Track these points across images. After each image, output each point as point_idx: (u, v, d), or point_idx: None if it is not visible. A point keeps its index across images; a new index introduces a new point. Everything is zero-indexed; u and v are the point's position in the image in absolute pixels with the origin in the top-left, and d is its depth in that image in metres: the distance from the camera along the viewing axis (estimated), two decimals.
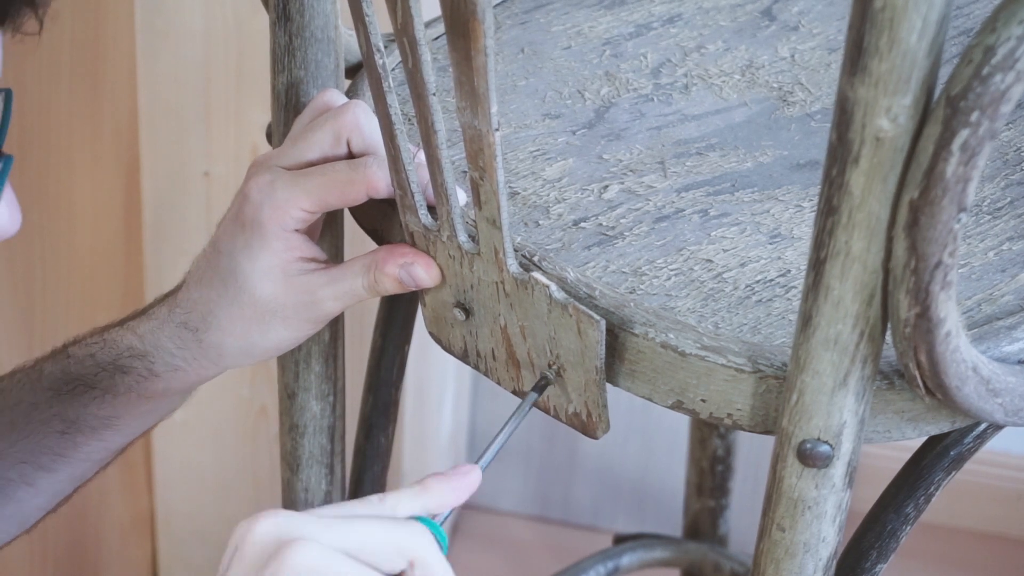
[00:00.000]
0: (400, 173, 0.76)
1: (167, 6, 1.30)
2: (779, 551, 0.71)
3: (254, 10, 1.28)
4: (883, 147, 0.59)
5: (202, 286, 0.82)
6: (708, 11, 0.97)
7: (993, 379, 0.67)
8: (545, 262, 0.76)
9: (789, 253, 0.78)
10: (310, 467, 0.93)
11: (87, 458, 0.90)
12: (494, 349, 0.79)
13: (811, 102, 0.89)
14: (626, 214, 0.80)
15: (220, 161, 1.36)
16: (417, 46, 0.68)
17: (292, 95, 0.84)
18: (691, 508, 1.44)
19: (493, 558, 1.77)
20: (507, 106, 0.88)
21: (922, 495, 0.78)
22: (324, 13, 0.82)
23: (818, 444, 0.67)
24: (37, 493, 0.91)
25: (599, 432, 0.76)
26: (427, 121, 0.71)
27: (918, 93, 0.58)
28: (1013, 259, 0.78)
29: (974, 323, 0.73)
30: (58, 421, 0.88)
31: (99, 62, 1.31)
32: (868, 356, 0.65)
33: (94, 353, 0.86)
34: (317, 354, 0.90)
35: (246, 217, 0.79)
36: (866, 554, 0.79)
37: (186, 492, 1.54)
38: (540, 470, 1.80)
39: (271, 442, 1.50)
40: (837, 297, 0.63)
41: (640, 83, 0.91)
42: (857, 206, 0.61)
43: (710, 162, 0.84)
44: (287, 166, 0.79)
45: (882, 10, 0.56)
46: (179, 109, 1.34)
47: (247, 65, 1.31)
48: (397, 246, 0.79)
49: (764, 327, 0.73)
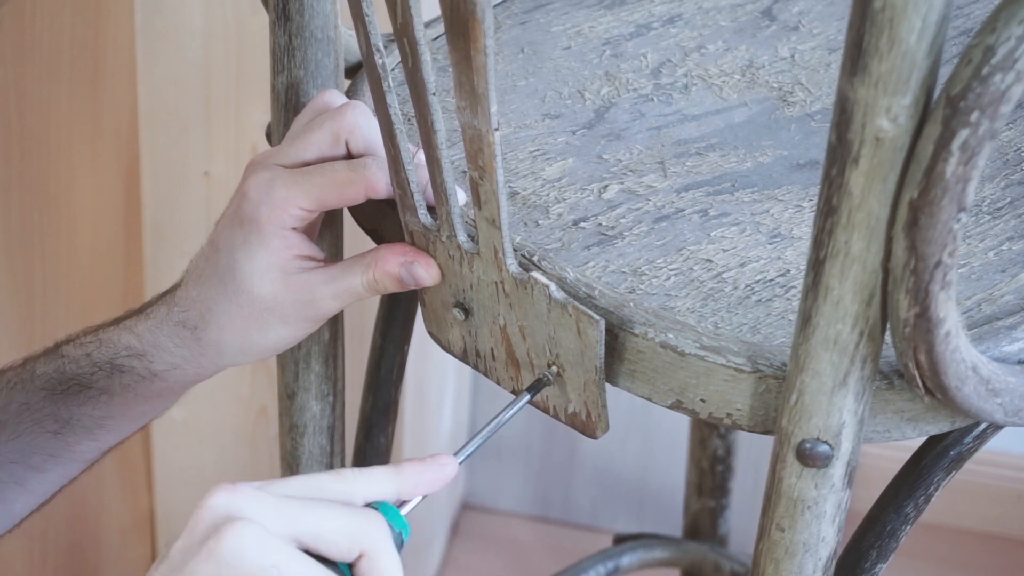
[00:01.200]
0: (400, 173, 0.76)
1: (167, 6, 1.30)
2: (778, 551, 0.71)
3: (254, 10, 1.29)
4: (883, 147, 0.59)
5: (200, 284, 0.82)
6: (708, 11, 0.97)
7: (993, 379, 0.67)
8: (545, 262, 0.76)
9: (789, 253, 0.78)
10: (309, 467, 0.93)
11: (78, 458, 0.90)
12: (493, 349, 0.79)
13: (811, 102, 0.89)
14: (626, 214, 0.80)
15: (220, 161, 1.36)
16: (417, 46, 0.68)
17: (292, 95, 0.84)
18: (691, 508, 1.44)
19: (493, 558, 1.77)
20: (507, 106, 0.88)
21: (922, 495, 0.78)
22: (324, 13, 0.82)
23: (817, 444, 0.67)
24: (26, 493, 0.91)
25: (598, 432, 0.76)
26: (427, 121, 0.71)
27: (918, 93, 0.58)
28: (1013, 259, 0.78)
29: (974, 323, 0.73)
30: (51, 421, 0.88)
31: (99, 62, 1.31)
32: (868, 356, 0.65)
33: (90, 353, 0.86)
34: (317, 354, 0.90)
35: (244, 215, 0.79)
36: (866, 554, 0.79)
37: (186, 492, 1.54)
38: (540, 470, 1.80)
39: (271, 442, 1.50)
40: (837, 297, 0.63)
41: (640, 83, 0.91)
42: (857, 206, 0.61)
43: (710, 162, 0.84)
44: (285, 165, 0.79)
45: (882, 10, 0.56)
46: (179, 109, 1.34)
47: (247, 65, 1.31)
48: (397, 245, 0.79)
49: (764, 327, 0.73)
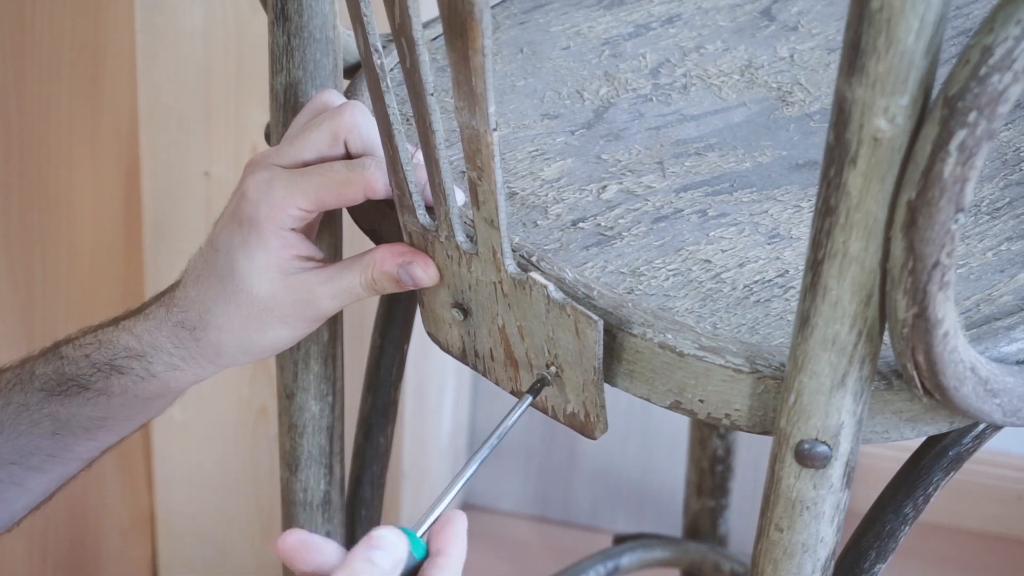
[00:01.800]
0: (398, 173, 0.75)
1: (167, 6, 1.30)
2: (777, 551, 0.71)
3: (254, 10, 1.29)
4: (881, 147, 0.59)
5: (199, 284, 0.82)
6: (707, 11, 0.97)
7: (991, 379, 0.67)
8: (543, 262, 0.76)
9: (787, 253, 0.78)
10: (309, 467, 0.93)
11: (77, 458, 0.90)
12: (492, 349, 0.79)
13: (810, 102, 0.89)
14: (624, 214, 0.80)
15: (220, 161, 1.36)
16: (415, 46, 0.68)
17: (291, 95, 0.84)
18: (691, 508, 1.44)
19: (493, 558, 1.77)
20: (506, 106, 0.88)
21: (921, 495, 0.78)
22: (322, 13, 0.82)
23: (816, 444, 0.67)
24: (25, 492, 0.91)
25: (597, 432, 0.76)
26: (425, 121, 0.71)
27: (916, 93, 0.58)
28: (1011, 259, 0.78)
29: (972, 323, 0.73)
30: (50, 422, 0.88)
31: (99, 62, 1.31)
32: (866, 356, 0.65)
33: (89, 354, 0.86)
34: (316, 354, 0.90)
35: (243, 215, 0.79)
36: (865, 554, 0.79)
37: (186, 492, 1.54)
38: (540, 470, 1.80)
39: (271, 442, 1.50)
40: (835, 297, 0.63)
41: (639, 83, 0.91)
42: (855, 206, 0.61)
43: (709, 162, 0.84)
44: (284, 165, 0.79)
45: (879, 10, 0.56)
46: (179, 109, 1.34)
47: (247, 65, 1.31)
48: (395, 245, 0.79)
49: (762, 327, 0.73)
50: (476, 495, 1.83)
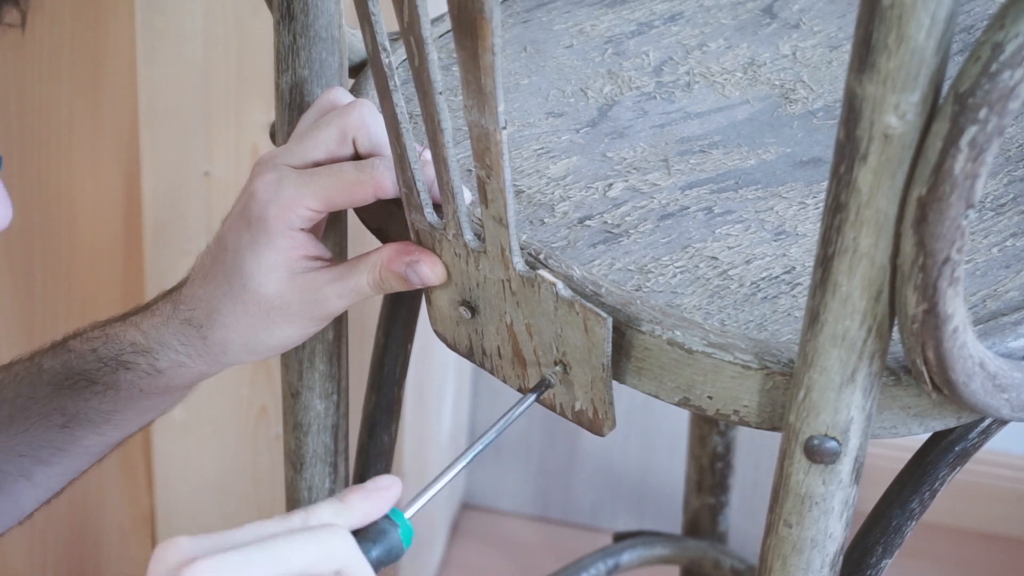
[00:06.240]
0: (406, 171, 0.76)
1: (167, 6, 1.30)
2: (786, 547, 0.71)
3: (255, 10, 1.28)
4: (891, 144, 0.59)
5: (207, 283, 0.82)
6: (709, 9, 0.97)
7: (1000, 375, 0.67)
8: (551, 260, 0.76)
9: (794, 250, 0.78)
10: (314, 466, 0.93)
11: (85, 452, 0.90)
12: (500, 347, 0.79)
13: (813, 99, 0.90)
14: (631, 212, 0.80)
15: (220, 161, 1.36)
16: (424, 44, 0.68)
17: (296, 94, 0.84)
18: (691, 505, 1.45)
19: (493, 558, 1.77)
20: (510, 104, 0.88)
21: (927, 490, 0.78)
22: (328, 12, 0.82)
23: (825, 440, 0.67)
24: (34, 486, 0.91)
25: (605, 429, 0.76)
26: (433, 119, 0.71)
27: (926, 90, 0.58)
28: (1017, 255, 0.78)
29: (979, 319, 0.73)
30: (58, 415, 0.88)
31: (99, 62, 1.31)
32: (876, 352, 0.65)
33: (96, 348, 0.86)
34: (321, 353, 0.90)
35: (252, 215, 0.79)
36: (871, 550, 0.79)
37: (186, 492, 1.54)
38: (540, 470, 1.80)
39: (271, 442, 1.50)
40: (845, 293, 0.63)
41: (642, 81, 0.91)
42: (865, 203, 0.61)
43: (713, 160, 0.84)
44: (293, 165, 0.79)
45: (891, 7, 0.56)
46: (179, 109, 1.34)
47: (247, 65, 1.31)
48: (402, 244, 0.79)
49: (770, 324, 0.73)
50: (476, 495, 1.83)
